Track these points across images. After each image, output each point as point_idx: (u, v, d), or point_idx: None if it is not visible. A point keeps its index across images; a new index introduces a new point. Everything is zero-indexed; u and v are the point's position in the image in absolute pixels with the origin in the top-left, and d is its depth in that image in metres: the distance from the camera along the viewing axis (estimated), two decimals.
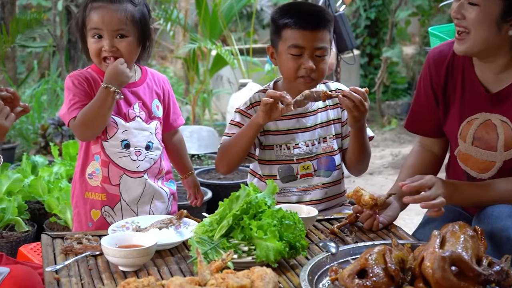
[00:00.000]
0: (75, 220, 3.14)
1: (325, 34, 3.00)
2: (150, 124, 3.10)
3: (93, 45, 2.97)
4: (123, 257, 2.32)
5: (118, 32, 2.95)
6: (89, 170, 3.07)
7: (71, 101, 2.96)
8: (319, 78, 3.04)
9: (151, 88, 3.14)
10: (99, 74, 3.03)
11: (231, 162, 3.05)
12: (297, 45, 2.98)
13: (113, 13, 2.93)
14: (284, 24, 3.00)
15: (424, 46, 9.55)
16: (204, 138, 6.60)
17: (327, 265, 2.31)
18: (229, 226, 2.38)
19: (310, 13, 3.02)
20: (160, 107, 3.16)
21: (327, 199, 3.16)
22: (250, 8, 11.96)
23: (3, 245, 4.44)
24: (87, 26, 2.97)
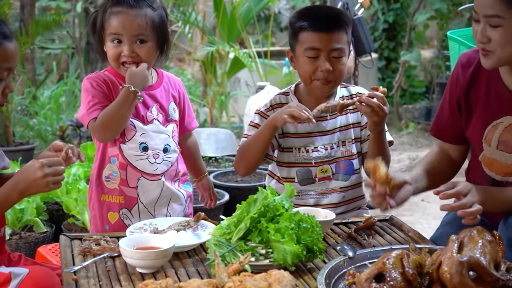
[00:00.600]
0: (92, 223, 3.15)
1: (341, 35, 3.00)
2: (168, 127, 3.11)
3: (112, 50, 2.97)
4: (141, 259, 2.32)
5: (138, 38, 2.95)
6: (106, 173, 3.07)
7: (90, 102, 2.97)
8: (337, 80, 3.03)
9: (167, 91, 3.15)
10: (116, 76, 3.04)
11: (249, 164, 3.06)
12: (313, 47, 2.98)
13: (133, 18, 2.93)
14: (300, 27, 3.01)
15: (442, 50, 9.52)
16: (222, 141, 6.61)
17: (344, 268, 2.30)
18: (246, 229, 2.39)
19: (326, 15, 3.03)
20: (177, 110, 3.17)
21: (344, 203, 3.15)
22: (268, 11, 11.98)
23: (22, 245, 4.47)
24: (106, 30, 2.97)
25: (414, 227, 2.88)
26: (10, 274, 2.47)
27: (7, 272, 2.49)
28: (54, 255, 3.72)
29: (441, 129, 3.08)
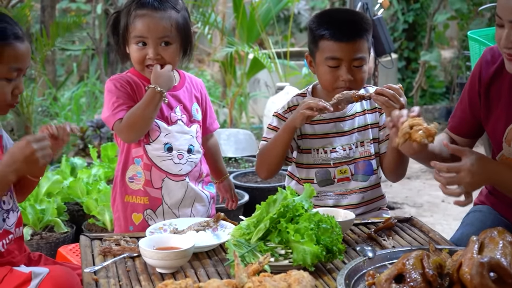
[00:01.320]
0: (116, 224, 3.15)
1: (362, 44, 2.97)
2: (191, 128, 3.11)
3: (137, 53, 2.97)
4: (160, 259, 2.33)
5: (162, 40, 2.95)
6: (130, 174, 3.08)
7: (114, 103, 2.97)
8: (358, 87, 3.00)
9: (190, 91, 3.16)
10: (140, 78, 3.04)
11: (271, 167, 3.06)
12: (334, 57, 2.96)
13: (158, 21, 2.93)
14: (320, 35, 2.98)
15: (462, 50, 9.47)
16: (241, 141, 6.61)
17: (364, 269, 2.30)
18: (266, 229, 2.39)
19: (347, 23, 2.98)
20: (199, 111, 3.17)
21: (364, 204, 3.14)
22: (287, 12, 11.97)
23: (43, 245, 4.49)
24: (131, 33, 2.97)
25: (434, 228, 2.87)
26: (31, 274, 2.49)
27: (28, 271, 2.50)
28: (75, 255, 3.74)
29: (458, 124, 3.02)
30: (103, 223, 4.67)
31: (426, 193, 6.77)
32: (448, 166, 2.55)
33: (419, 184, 7.08)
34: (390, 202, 6.21)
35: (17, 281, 2.48)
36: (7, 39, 2.51)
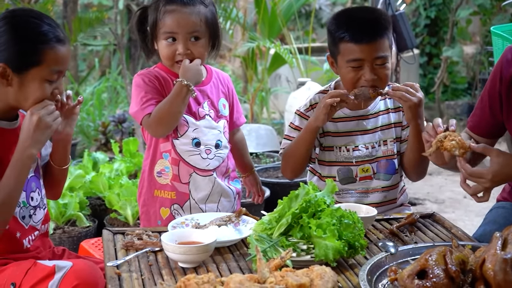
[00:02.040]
0: (143, 219, 3.16)
1: (383, 43, 2.94)
2: (219, 123, 3.12)
3: (167, 49, 2.97)
4: (183, 254, 2.34)
5: (192, 35, 2.95)
6: (158, 168, 3.08)
7: (143, 98, 2.97)
8: (382, 85, 2.98)
9: (217, 87, 3.16)
10: (167, 73, 3.05)
11: (296, 168, 3.07)
12: (355, 59, 2.93)
13: (188, 16, 2.94)
14: (340, 38, 2.95)
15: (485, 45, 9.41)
16: (262, 137, 6.62)
17: (386, 265, 2.29)
18: (288, 225, 2.39)
19: (366, 23, 2.95)
20: (227, 106, 3.18)
21: (386, 203, 3.14)
22: (308, 7, 11.95)
23: (65, 239, 4.52)
24: (160, 29, 2.96)
25: (456, 224, 2.85)
26: (54, 267, 2.50)
27: (51, 265, 2.52)
28: (97, 249, 3.76)
29: (478, 123, 3.00)
30: (125, 218, 4.69)
31: (448, 189, 6.74)
32: (472, 172, 2.56)
33: (441, 180, 7.05)
34: (412, 198, 6.20)
35: (41, 274, 2.50)
36: (49, 42, 2.53)
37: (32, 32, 2.54)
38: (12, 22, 2.54)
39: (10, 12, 2.61)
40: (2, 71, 2.52)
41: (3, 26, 2.53)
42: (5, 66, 2.51)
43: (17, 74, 2.53)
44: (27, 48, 2.52)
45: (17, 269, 2.55)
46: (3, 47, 2.52)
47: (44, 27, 2.55)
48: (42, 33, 2.54)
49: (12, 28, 2.53)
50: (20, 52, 2.52)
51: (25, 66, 2.53)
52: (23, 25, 2.55)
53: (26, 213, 2.68)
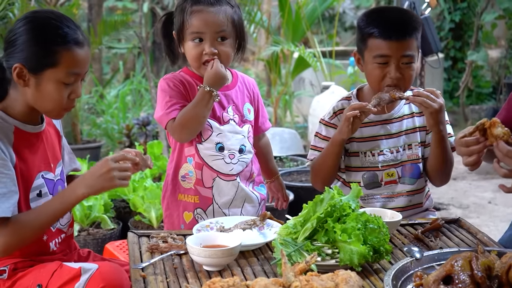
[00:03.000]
0: (166, 222, 3.17)
1: (411, 42, 2.94)
2: (243, 128, 3.12)
3: (194, 49, 2.97)
4: (208, 257, 2.34)
5: (219, 35, 2.96)
6: (182, 172, 3.09)
7: (167, 102, 2.98)
8: (406, 86, 2.99)
9: (242, 91, 3.16)
10: (192, 77, 3.05)
11: (325, 179, 3.06)
12: (382, 55, 2.93)
13: (215, 15, 2.94)
14: (369, 33, 2.96)
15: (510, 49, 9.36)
16: (286, 140, 6.62)
17: (411, 270, 2.28)
18: (313, 229, 2.39)
19: (397, 21, 2.96)
20: (252, 111, 3.18)
21: (411, 207, 3.13)
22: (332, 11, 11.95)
23: (90, 241, 4.55)
24: (187, 30, 2.97)
25: (481, 229, 2.83)
26: (80, 269, 2.51)
27: (77, 267, 2.53)
28: (122, 251, 3.78)
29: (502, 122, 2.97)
30: (149, 220, 4.70)
31: (472, 194, 6.71)
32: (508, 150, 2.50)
33: (465, 185, 7.02)
34: (436, 203, 6.17)
35: (67, 276, 2.51)
36: (66, 44, 2.54)
37: (50, 33, 2.54)
38: (31, 23, 2.55)
39: (32, 13, 2.62)
40: (19, 71, 2.53)
41: (23, 26, 2.54)
42: (22, 66, 2.52)
43: (33, 75, 2.53)
44: (42, 48, 2.52)
45: (43, 271, 2.57)
46: (21, 47, 2.53)
47: (63, 29, 2.54)
48: (60, 35, 2.53)
49: (31, 29, 2.54)
50: (37, 52, 2.52)
51: (41, 66, 2.53)
52: (41, 26, 2.55)
53: None
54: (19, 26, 2.54)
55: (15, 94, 2.60)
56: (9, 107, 2.61)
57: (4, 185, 2.47)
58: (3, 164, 2.48)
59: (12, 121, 2.59)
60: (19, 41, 2.53)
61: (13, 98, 2.60)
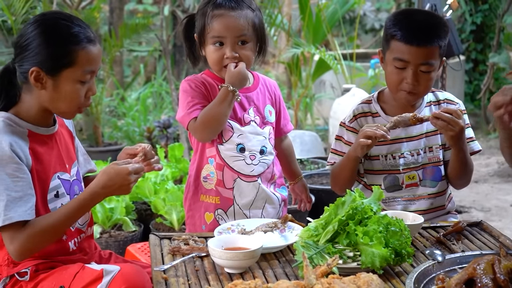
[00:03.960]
0: (188, 223, 3.18)
1: (433, 51, 2.92)
2: (264, 129, 3.12)
3: (215, 53, 2.99)
4: (229, 259, 2.35)
5: (240, 39, 2.97)
6: (204, 173, 3.10)
7: (189, 103, 3.00)
8: (422, 93, 2.99)
9: (263, 93, 3.17)
10: (214, 79, 3.07)
11: (344, 185, 3.04)
12: (401, 59, 2.93)
13: (236, 20, 2.95)
14: (392, 35, 2.96)
15: None
16: (307, 143, 6.61)
17: (433, 273, 2.28)
18: (334, 231, 2.39)
19: (422, 27, 2.94)
20: (273, 112, 3.18)
21: (433, 210, 3.11)
22: (353, 13, 11.93)
23: (111, 243, 4.57)
24: (208, 33, 2.98)
25: (503, 232, 2.82)
26: (102, 271, 2.52)
27: (99, 269, 2.55)
28: (143, 253, 3.79)
29: None
30: (171, 223, 4.72)
31: (494, 197, 6.67)
32: None
33: (487, 188, 6.98)
34: (458, 206, 6.14)
35: (89, 278, 2.52)
36: (81, 43, 2.56)
37: (63, 34, 2.56)
38: (42, 25, 2.57)
39: (40, 16, 2.63)
40: (36, 75, 2.54)
41: (35, 30, 2.56)
42: (39, 69, 2.54)
43: (51, 77, 2.56)
44: (58, 50, 2.54)
45: (66, 273, 2.58)
46: (35, 50, 2.55)
47: (75, 28, 2.57)
48: (73, 34, 2.56)
49: (43, 31, 2.55)
50: (52, 54, 2.54)
51: (58, 68, 2.55)
52: (53, 28, 2.57)
53: None
54: (30, 30, 2.56)
55: (28, 98, 2.62)
56: (22, 111, 2.63)
57: (21, 188, 2.49)
58: (18, 168, 2.50)
59: (25, 125, 2.61)
60: (32, 45, 2.55)
61: (26, 102, 2.63)
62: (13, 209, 2.46)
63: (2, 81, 2.64)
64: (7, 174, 2.47)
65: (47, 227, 2.52)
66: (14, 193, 2.47)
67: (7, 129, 2.54)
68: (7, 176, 2.47)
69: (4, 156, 2.48)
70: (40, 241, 2.54)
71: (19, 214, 2.47)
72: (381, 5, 12.72)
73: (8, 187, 2.47)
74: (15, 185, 2.48)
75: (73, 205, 2.57)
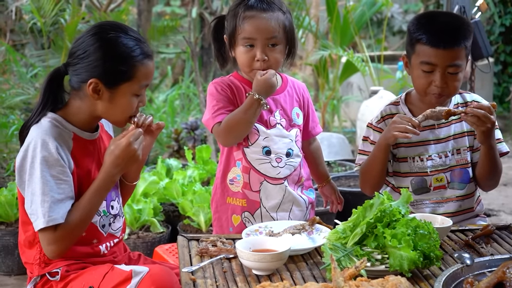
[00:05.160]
0: (215, 225, 3.20)
1: (459, 52, 2.92)
2: (291, 132, 3.12)
3: (245, 55, 3.00)
4: (257, 261, 2.36)
5: (270, 41, 2.97)
6: (230, 176, 3.11)
7: (214, 106, 3.02)
8: (450, 94, 2.98)
9: (291, 96, 3.17)
10: (241, 81, 3.08)
11: (374, 184, 3.05)
12: (428, 62, 2.92)
13: (267, 22, 2.96)
14: (418, 39, 2.95)
15: None
16: (334, 145, 6.60)
17: (462, 276, 2.26)
18: (362, 234, 2.39)
19: (447, 29, 2.93)
20: (300, 115, 3.18)
21: (461, 212, 3.10)
22: (380, 15, 11.88)
23: (139, 244, 4.59)
24: (239, 35, 2.99)
25: None
26: (131, 272, 2.55)
27: (128, 270, 2.57)
28: (171, 255, 3.81)
29: None
30: (198, 224, 4.73)
31: None
32: None
33: None
34: (486, 209, 6.09)
35: (118, 279, 2.55)
36: (139, 59, 2.61)
37: (123, 50, 2.60)
38: (103, 40, 2.61)
39: (100, 28, 2.66)
40: (94, 86, 2.59)
41: (96, 42, 2.60)
42: (98, 81, 2.59)
43: (108, 89, 2.61)
44: (119, 65, 2.59)
45: (95, 273, 2.61)
46: (95, 63, 2.59)
47: (134, 43, 2.62)
48: (133, 50, 2.61)
49: (104, 45, 2.60)
50: (113, 69, 2.59)
51: (117, 81, 2.60)
52: (113, 42, 2.61)
53: (106, 221, 2.75)
54: (91, 43, 2.60)
55: (77, 104, 2.67)
56: (69, 114, 2.68)
57: (63, 191, 2.54)
58: (62, 170, 2.55)
59: (71, 128, 2.65)
60: (92, 57, 2.59)
61: (75, 107, 2.67)
62: (55, 210, 2.51)
63: (51, 84, 2.69)
64: (52, 176, 2.53)
65: (77, 221, 2.57)
66: (57, 195, 2.52)
67: (53, 131, 2.59)
68: (52, 178, 2.53)
69: (50, 158, 2.53)
70: (74, 236, 2.59)
71: (62, 216, 2.52)
72: (409, 7, 12.66)
73: (52, 189, 2.52)
74: (58, 187, 2.53)
75: (93, 193, 2.61)
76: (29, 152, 2.55)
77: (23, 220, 2.65)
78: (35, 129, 2.60)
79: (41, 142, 2.54)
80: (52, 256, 2.58)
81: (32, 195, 2.53)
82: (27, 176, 2.55)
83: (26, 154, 2.56)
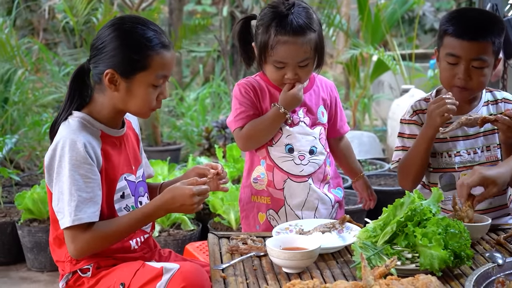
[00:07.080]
0: (243, 223, 3.22)
1: (485, 45, 2.90)
2: (315, 129, 3.12)
3: (275, 73, 2.99)
4: (287, 259, 2.36)
5: (301, 63, 2.96)
6: (254, 175, 3.13)
7: (237, 110, 3.05)
8: (474, 89, 2.96)
9: (317, 94, 3.16)
10: (266, 82, 3.09)
11: (416, 178, 3.03)
12: (453, 54, 2.91)
13: (299, 48, 2.92)
14: (445, 30, 2.96)
15: None
16: (365, 144, 6.58)
17: (493, 276, 2.25)
18: (393, 233, 2.38)
19: (474, 22, 2.93)
20: (325, 114, 3.18)
21: (492, 210, 3.07)
22: (412, 13, 11.82)
23: (170, 242, 4.62)
24: (271, 56, 2.94)
25: None
26: (162, 269, 2.56)
27: (159, 266, 2.58)
28: (202, 252, 3.83)
29: None
30: (228, 222, 4.75)
31: None
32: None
33: None
34: None
35: (149, 275, 2.56)
36: (155, 48, 2.61)
37: (139, 38, 2.61)
38: (119, 29, 2.62)
39: (118, 20, 2.69)
40: (110, 77, 2.60)
41: (112, 33, 2.62)
42: (114, 71, 2.60)
43: (125, 79, 2.61)
44: (134, 54, 2.60)
45: (126, 270, 2.63)
46: (112, 53, 2.61)
47: (150, 33, 2.62)
48: (149, 39, 2.61)
49: (120, 35, 2.61)
50: (127, 57, 2.60)
51: (133, 71, 2.60)
52: (129, 32, 2.62)
53: None
54: (107, 34, 2.62)
55: (101, 99, 2.68)
56: (94, 111, 2.69)
57: (91, 189, 2.56)
58: (90, 169, 2.57)
59: (98, 125, 2.67)
60: (108, 47, 2.61)
61: (99, 103, 2.69)
62: (83, 210, 2.53)
63: (77, 81, 2.71)
64: (80, 175, 2.54)
65: (109, 233, 2.59)
66: (85, 194, 2.54)
67: (82, 129, 2.62)
68: (80, 177, 2.54)
69: (78, 157, 2.55)
70: (100, 245, 2.61)
71: (88, 216, 2.54)
72: (441, 5, 12.58)
73: (80, 188, 2.54)
74: (86, 186, 2.55)
75: (136, 216, 2.63)
76: (57, 151, 2.57)
77: (53, 219, 2.68)
78: (63, 128, 2.63)
79: (70, 141, 2.56)
80: (74, 255, 2.60)
81: (59, 193, 2.56)
82: (55, 174, 2.58)
83: (55, 153, 2.58)
